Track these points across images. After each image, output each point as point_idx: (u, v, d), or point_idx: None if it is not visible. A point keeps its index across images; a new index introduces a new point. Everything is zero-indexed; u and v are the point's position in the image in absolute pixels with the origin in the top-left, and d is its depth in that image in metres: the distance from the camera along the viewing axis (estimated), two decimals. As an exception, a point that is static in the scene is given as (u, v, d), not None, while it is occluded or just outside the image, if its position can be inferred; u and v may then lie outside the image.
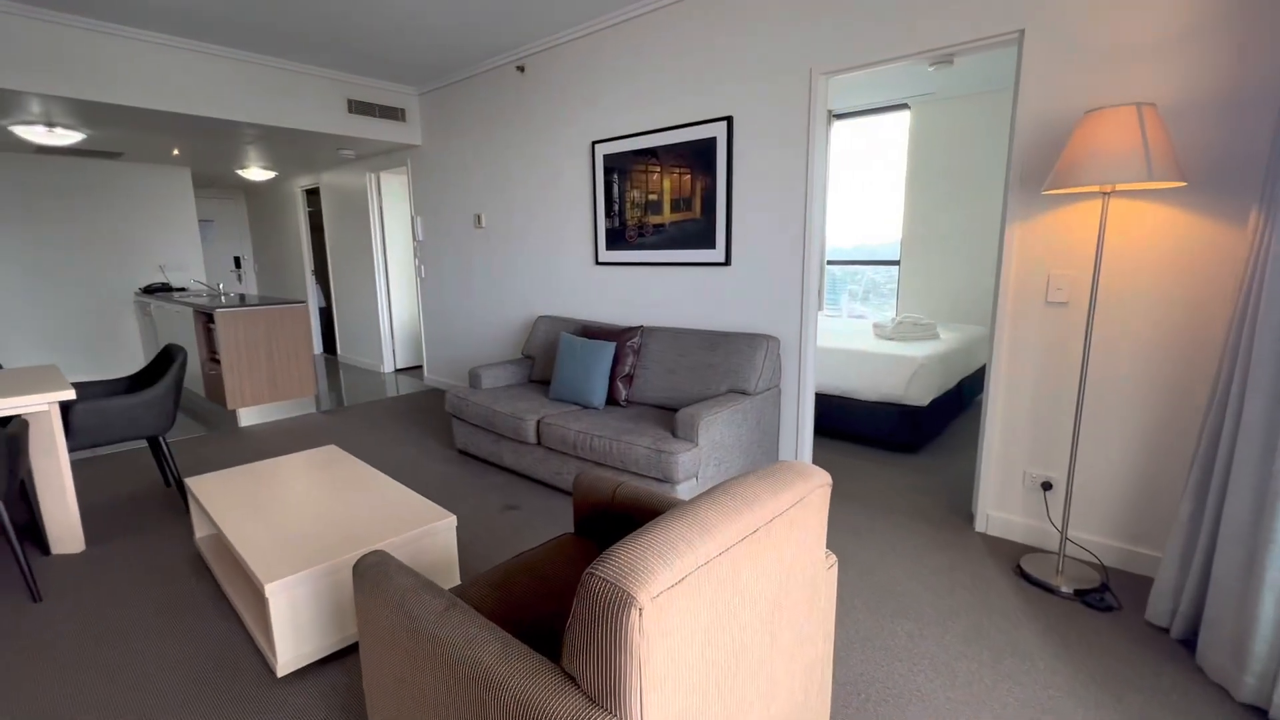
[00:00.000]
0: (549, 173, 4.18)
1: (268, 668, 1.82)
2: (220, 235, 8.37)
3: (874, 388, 3.68)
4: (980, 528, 2.64)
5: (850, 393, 3.78)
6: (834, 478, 3.29)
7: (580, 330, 3.59)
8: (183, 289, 6.39)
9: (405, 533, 1.98)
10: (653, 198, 3.54)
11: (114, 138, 4.98)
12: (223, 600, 2.18)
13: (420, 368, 6.61)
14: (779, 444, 3.22)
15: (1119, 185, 1.90)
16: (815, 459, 3.57)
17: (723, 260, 3.27)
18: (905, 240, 5.52)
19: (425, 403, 5.09)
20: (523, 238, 4.49)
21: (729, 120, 3.13)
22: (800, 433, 3.15)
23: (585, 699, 0.87)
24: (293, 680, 1.77)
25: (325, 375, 6.39)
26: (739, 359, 2.98)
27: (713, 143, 3.21)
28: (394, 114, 5.00)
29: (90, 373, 6.32)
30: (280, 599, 1.73)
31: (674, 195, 3.44)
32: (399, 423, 4.49)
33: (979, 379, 4.62)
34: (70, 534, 2.57)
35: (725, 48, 3.11)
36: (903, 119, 5.43)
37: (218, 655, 1.88)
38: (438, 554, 2.08)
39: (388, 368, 6.46)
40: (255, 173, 6.48)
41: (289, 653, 1.77)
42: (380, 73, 4.65)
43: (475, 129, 4.70)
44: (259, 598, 2.06)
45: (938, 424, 3.89)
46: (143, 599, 2.20)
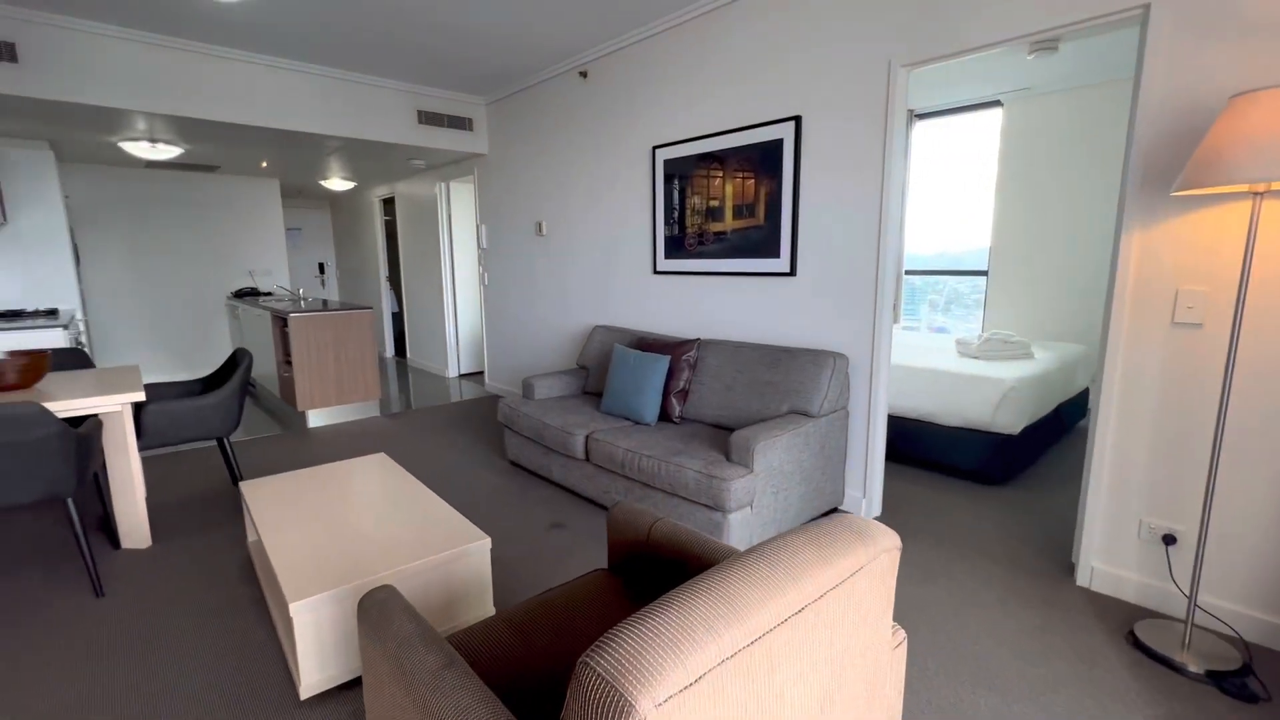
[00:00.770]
0: (609, 179, 4.08)
1: (292, 687, 1.78)
2: (306, 242, 8.88)
3: (956, 412, 3.32)
4: (1083, 581, 2.28)
5: (928, 416, 3.43)
6: (905, 509, 2.97)
7: (635, 342, 3.45)
8: (269, 293, 6.76)
9: (439, 553, 1.89)
10: (714, 204, 3.36)
11: (209, 152, 5.33)
12: (265, 606, 2.18)
13: (482, 373, 6.69)
14: (846, 472, 2.94)
15: (1275, 184, 1.56)
16: (885, 489, 3.26)
17: (787, 270, 3.04)
18: (995, 249, 5.05)
19: (484, 409, 5.10)
20: (581, 246, 4.41)
21: (797, 120, 2.91)
22: (870, 461, 2.86)
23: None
24: (314, 704, 1.71)
25: (395, 378, 6.57)
26: (802, 377, 2.74)
27: (779, 145, 3.00)
28: (461, 123, 5.07)
29: (184, 372, 6.79)
30: (305, 618, 1.67)
31: (736, 201, 3.24)
32: (456, 428, 4.51)
33: (1080, 401, 4.13)
34: (138, 530, 2.68)
35: (793, 43, 2.89)
36: (994, 117, 4.97)
37: (248, 670, 1.86)
38: (470, 577, 1.98)
39: (452, 372, 6.57)
40: (336, 183, 6.79)
41: (313, 674, 1.71)
42: (448, 83, 4.72)
43: (538, 137, 4.68)
44: (286, 615, 2.04)
45: (1031, 453, 3.47)
46: (193, 601, 2.23)
